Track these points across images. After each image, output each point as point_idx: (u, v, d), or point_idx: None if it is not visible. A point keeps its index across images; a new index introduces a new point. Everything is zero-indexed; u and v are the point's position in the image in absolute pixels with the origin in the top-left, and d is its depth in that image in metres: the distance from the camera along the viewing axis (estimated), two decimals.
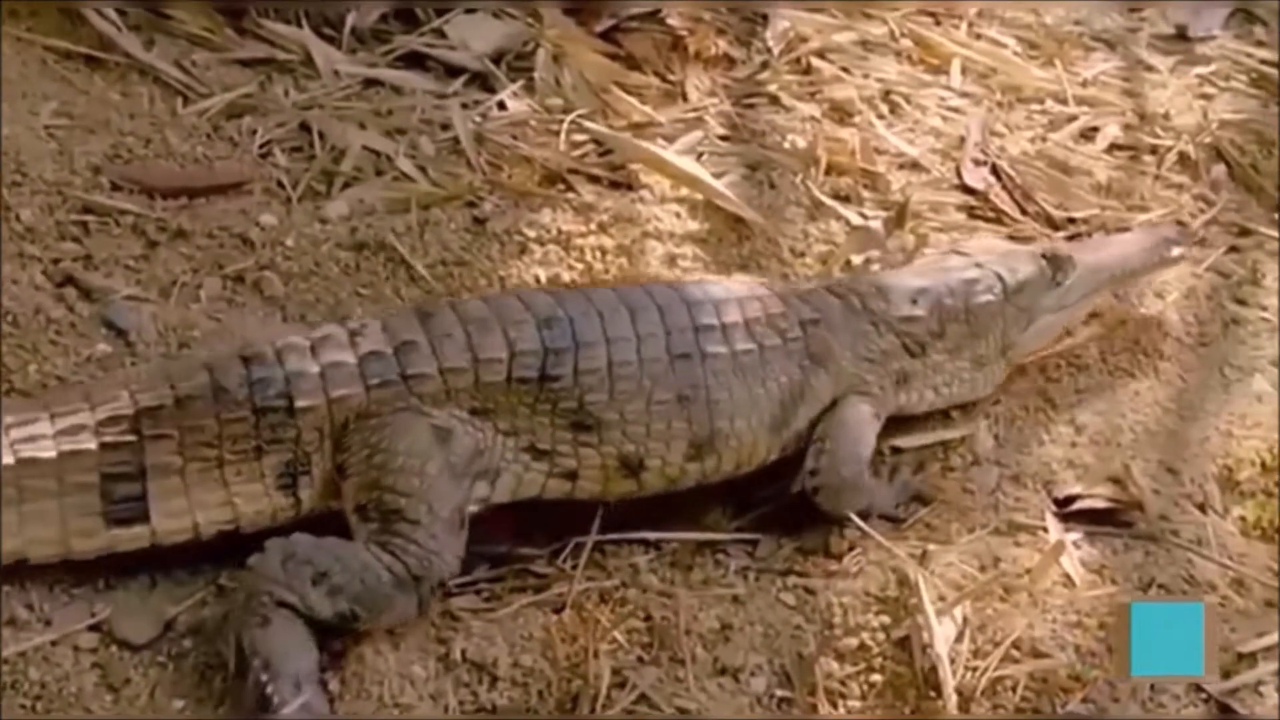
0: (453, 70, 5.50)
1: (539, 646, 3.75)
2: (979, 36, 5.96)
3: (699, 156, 5.21)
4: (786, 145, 5.30)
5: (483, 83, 5.47)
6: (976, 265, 4.44)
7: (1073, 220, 5.18)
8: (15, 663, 3.64)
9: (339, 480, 3.82)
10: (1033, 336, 4.50)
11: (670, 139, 5.26)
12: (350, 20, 5.55)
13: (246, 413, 3.76)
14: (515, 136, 5.22)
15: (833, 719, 3.70)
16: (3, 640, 3.67)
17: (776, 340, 4.10)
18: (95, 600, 3.79)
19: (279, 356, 3.81)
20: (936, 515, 4.15)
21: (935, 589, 3.84)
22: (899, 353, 4.28)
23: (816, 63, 5.69)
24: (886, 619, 3.82)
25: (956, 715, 3.66)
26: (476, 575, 3.93)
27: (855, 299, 4.28)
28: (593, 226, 4.86)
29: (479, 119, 5.29)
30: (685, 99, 5.51)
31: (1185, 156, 5.49)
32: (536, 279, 4.67)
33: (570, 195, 5.00)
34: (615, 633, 3.79)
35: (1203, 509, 4.24)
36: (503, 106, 5.36)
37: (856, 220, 5.01)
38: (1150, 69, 5.95)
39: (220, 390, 3.76)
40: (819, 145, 5.25)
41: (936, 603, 3.80)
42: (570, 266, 4.74)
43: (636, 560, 4.01)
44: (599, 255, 4.79)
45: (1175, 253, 4.77)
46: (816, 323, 4.17)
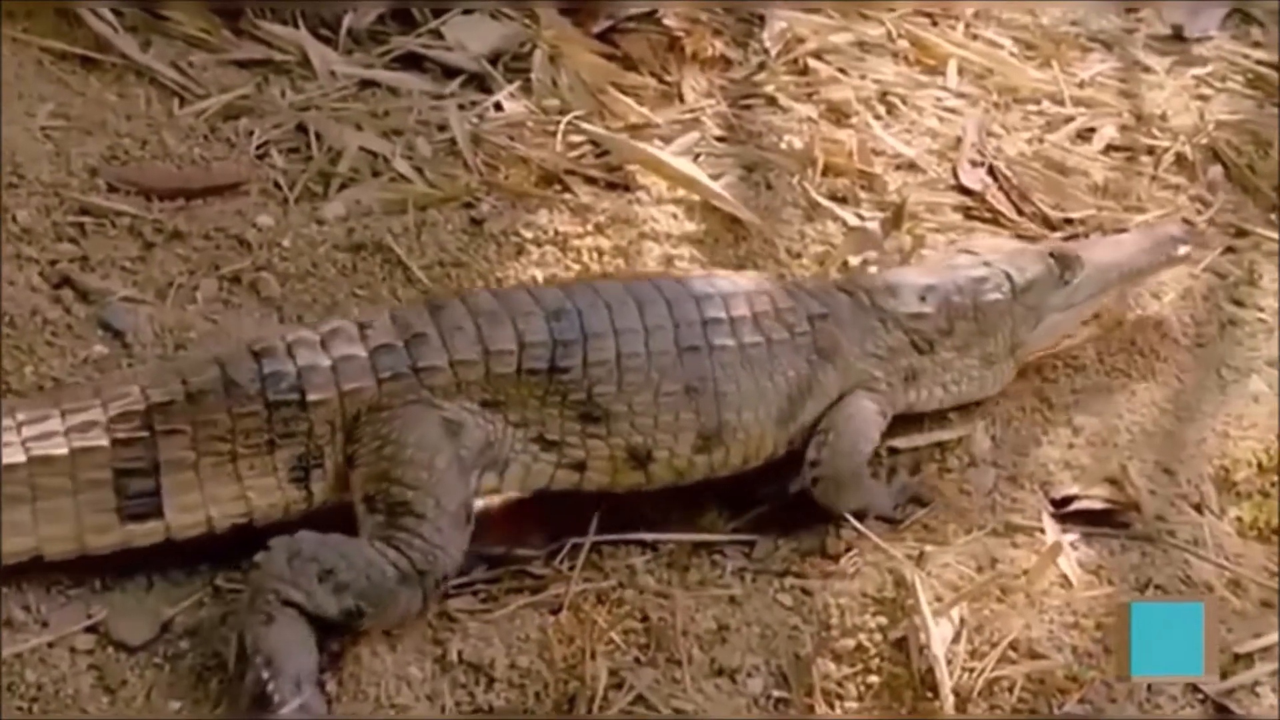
0: (449, 71, 5.50)
1: (536, 647, 3.75)
2: (976, 37, 5.96)
3: (696, 157, 5.20)
4: (783, 146, 5.30)
5: (480, 84, 5.47)
6: (985, 264, 4.44)
7: (1069, 221, 5.18)
8: (12, 664, 3.64)
9: (349, 471, 3.82)
10: (1041, 335, 4.51)
11: (667, 140, 5.26)
12: (347, 21, 5.55)
13: (259, 407, 3.77)
14: (512, 137, 5.22)
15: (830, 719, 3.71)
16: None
17: (784, 334, 4.10)
18: (92, 601, 3.79)
19: (290, 350, 3.81)
20: (933, 516, 4.14)
21: (932, 590, 3.84)
22: (907, 349, 4.28)
23: (813, 64, 5.69)
24: (883, 620, 3.82)
25: (953, 716, 3.66)
26: (474, 576, 3.92)
27: (863, 295, 4.29)
28: (590, 227, 4.86)
29: (476, 120, 5.29)
30: (682, 100, 5.51)
31: (1182, 157, 5.49)
32: (534, 280, 4.66)
33: (567, 196, 5.00)
34: (612, 634, 3.79)
35: (1199, 510, 4.24)
36: (499, 107, 5.36)
37: (853, 221, 5.01)
38: (1147, 70, 5.95)
39: (232, 385, 3.76)
40: (816, 146, 5.25)
41: (933, 604, 3.80)
42: (567, 268, 4.74)
43: (633, 561, 4.00)
44: (596, 256, 4.78)
45: (1182, 251, 4.77)
46: (824, 318, 4.18)
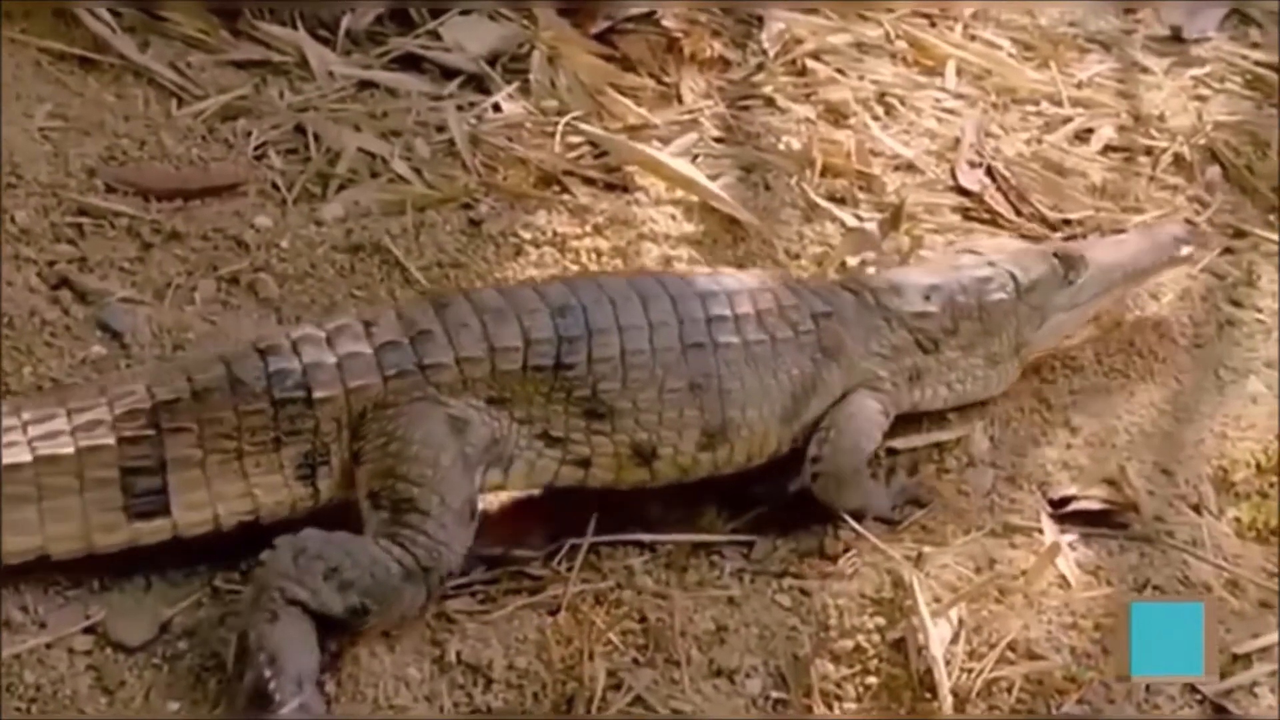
0: (448, 72, 5.50)
1: (534, 648, 3.75)
2: (974, 38, 5.96)
3: (694, 158, 5.20)
4: (781, 147, 5.30)
5: (478, 85, 5.47)
6: (989, 263, 4.45)
7: (1068, 221, 5.18)
8: (10, 665, 3.63)
9: (354, 467, 3.82)
10: (1045, 335, 4.51)
11: (665, 141, 5.26)
12: (345, 22, 5.55)
13: (265, 404, 3.76)
14: (510, 138, 5.22)
15: None
16: None
17: (789, 332, 4.11)
18: (90, 602, 3.78)
19: (295, 348, 3.81)
20: (932, 517, 4.14)
21: (931, 591, 3.84)
22: (912, 348, 4.29)
23: (812, 64, 5.69)
24: (882, 621, 3.82)
25: (952, 717, 3.66)
26: (472, 577, 3.92)
27: (868, 294, 4.29)
28: (588, 228, 4.86)
29: (474, 121, 5.29)
30: (680, 101, 5.51)
31: (1180, 158, 5.49)
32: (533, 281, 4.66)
33: (565, 197, 5.00)
34: (610, 634, 3.79)
35: (1198, 510, 4.24)
36: (498, 108, 5.36)
37: (852, 222, 5.01)
38: (1145, 70, 5.95)
39: (238, 382, 3.76)
40: (814, 147, 5.25)
41: (932, 604, 3.80)
42: (566, 269, 4.73)
43: (631, 562, 4.00)
44: (594, 257, 4.78)
45: (1185, 251, 4.77)
46: (829, 316, 4.18)
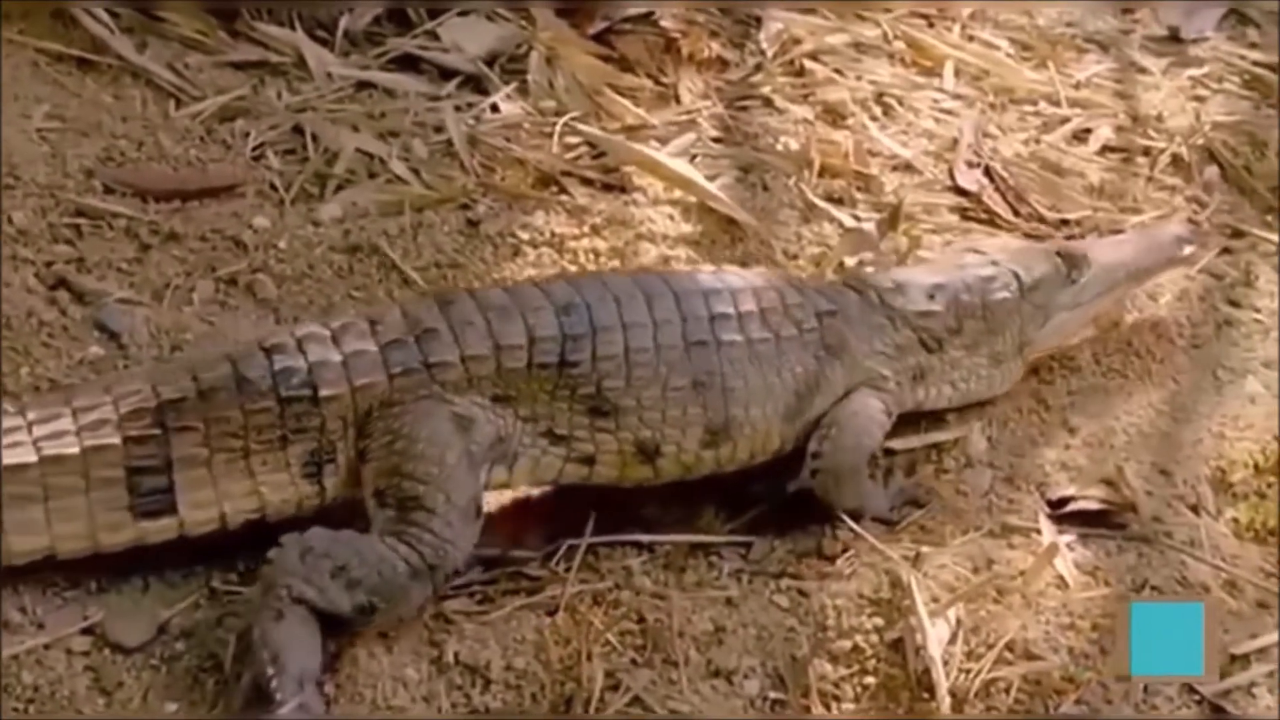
0: (446, 73, 5.50)
1: (532, 649, 3.75)
2: (972, 38, 5.97)
3: (692, 159, 5.20)
4: (779, 147, 5.30)
5: (476, 85, 5.47)
6: (993, 262, 4.45)
7: (1066, 222, 5.18)
8: (8, 666, 3.63)
9: (360, 465, 3.83)
10: (1049, 334, 4.51)
11: (663, 141, 5.26)
12: (343, 23, 5.55)
13: (271, 403, 3.76)
14: (508, 139, 5.22)
15: None
16: None
17: (792, 330, 4.11)
18: (88, 603, 3.78)
19: (301, 346, 3.81)
20: (930, 517, 4.14)
21: (929, 591, 3.84)
22: (915, 348, 4.29)
23: (810, 65, 5.69)
24: (880, 621, 3.82)
25: (950, 717, 3.66)
26: (470, 578, 3.91)
27: (872, 293, 4.29)
28: (586, 229, 4.86)
29: (472, 121, 5.29)
30: (678, 101, 5.51)
31: (1178, 158, 5.50)
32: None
33: (563, 198, 5.00)
34: (608, 635, 3.79)
35: (1196, 511, 4.24)
36: (496, 109, 5.36)
37: (850, 222, 5.01)
38: (1143, 71, 5.95)
39: (244, 381, 3.76)
40: (812, 147, 5.25)
41: (930, 605, 3.80)
42: (564, 269, 4.73)
43: (630, 563, 4.00)
44: (592, 258, 4.78)
45: (1187, 251, 4.78)
46: (832, 314, 4.18)
